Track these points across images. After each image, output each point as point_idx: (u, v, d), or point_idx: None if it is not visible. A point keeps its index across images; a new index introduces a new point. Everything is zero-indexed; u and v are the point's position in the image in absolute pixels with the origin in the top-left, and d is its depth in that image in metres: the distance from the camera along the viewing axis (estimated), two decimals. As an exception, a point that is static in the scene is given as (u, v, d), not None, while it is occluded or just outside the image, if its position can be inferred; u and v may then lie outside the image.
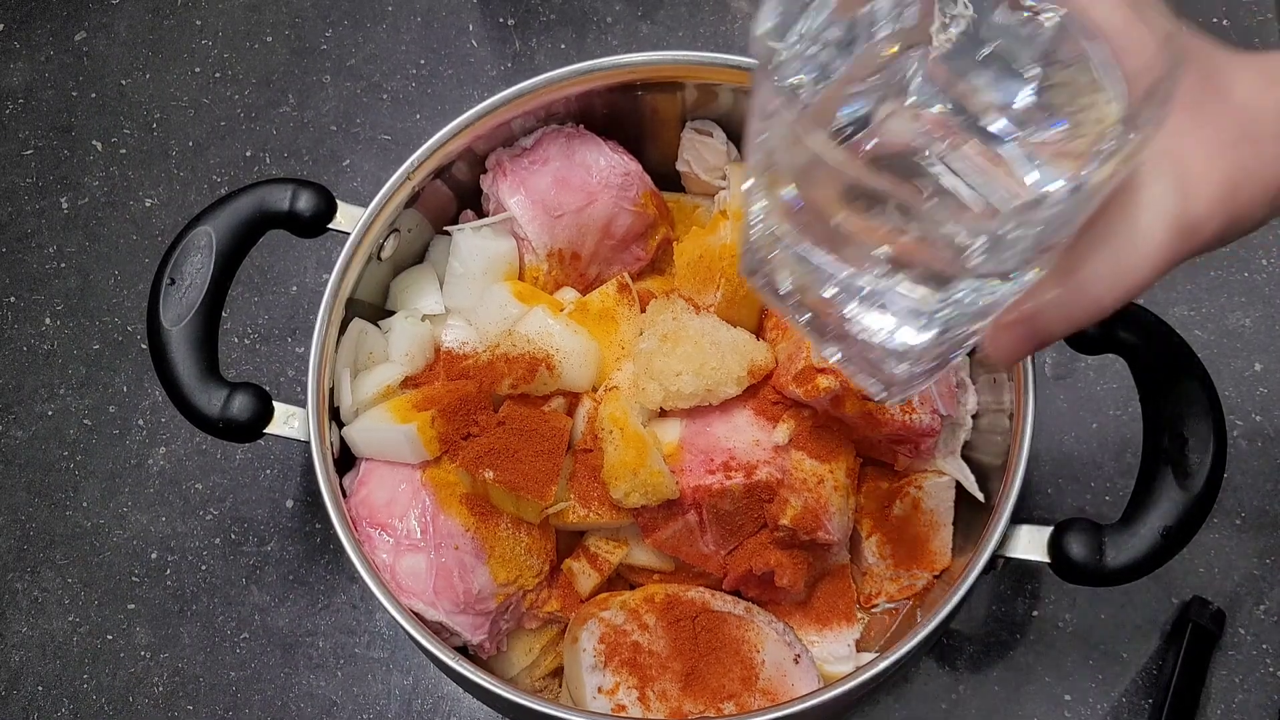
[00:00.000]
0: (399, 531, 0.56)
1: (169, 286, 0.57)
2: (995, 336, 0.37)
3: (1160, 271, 0.36)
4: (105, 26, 0.83)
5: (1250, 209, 0.37)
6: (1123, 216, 0.35)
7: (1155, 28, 0.34)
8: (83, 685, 0.68)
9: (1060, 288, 0.36)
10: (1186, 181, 0.36)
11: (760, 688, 0.55)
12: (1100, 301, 0.36)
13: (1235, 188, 0.36)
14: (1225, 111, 0.37)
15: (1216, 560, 0.67)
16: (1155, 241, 0.36)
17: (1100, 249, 0.35)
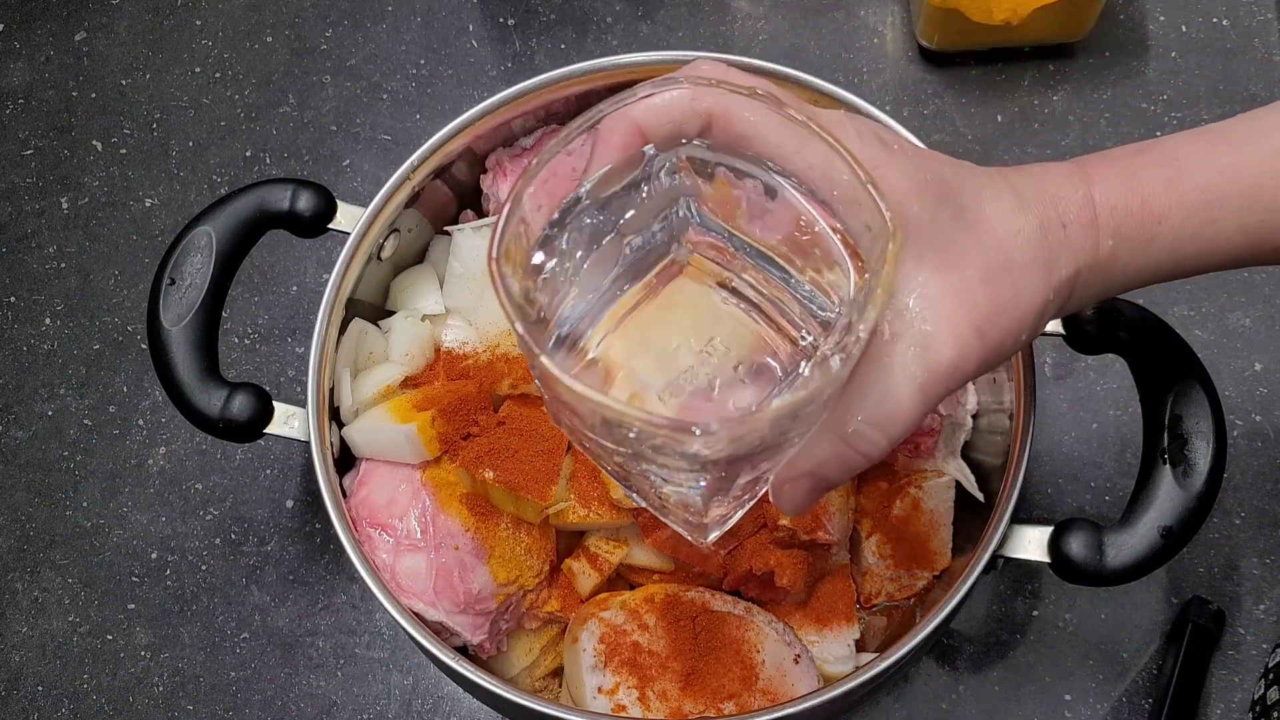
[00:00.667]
0: (399, 531, 0.56)
1: (169, 286, 0.57)
2: (782, 492, 0.39)
3: (924, 412, 0.37)
4: (105, 27, 0.83)
5: (1005, 343, 0.38)
6: (881, 365, 0.37)
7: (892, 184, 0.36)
8: (83, 685, 0.68)
9: (833, 443, 0.37)
10: (940, 326, 0.36)
11: (760, 688, 0.55)
12: (871, 452, 0.37)
13: (985, 324, 0.37)
14: (978, 246, 0.38)
15: (1216, 560, 0.67)
16: (917, 385, 0.37)
17: (863, 402, 0.37)
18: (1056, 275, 0.39)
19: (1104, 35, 0.78)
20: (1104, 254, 0.40)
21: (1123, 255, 0.41)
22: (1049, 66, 0.78)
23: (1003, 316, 0.38)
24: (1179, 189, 0.41)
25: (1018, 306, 0.38)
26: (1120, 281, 0.42)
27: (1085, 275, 0.40)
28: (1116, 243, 0.40)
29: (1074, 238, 0.40)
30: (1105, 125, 0.76)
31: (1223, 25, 0.79)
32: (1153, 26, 0.79)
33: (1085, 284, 0.41)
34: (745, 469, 0.36)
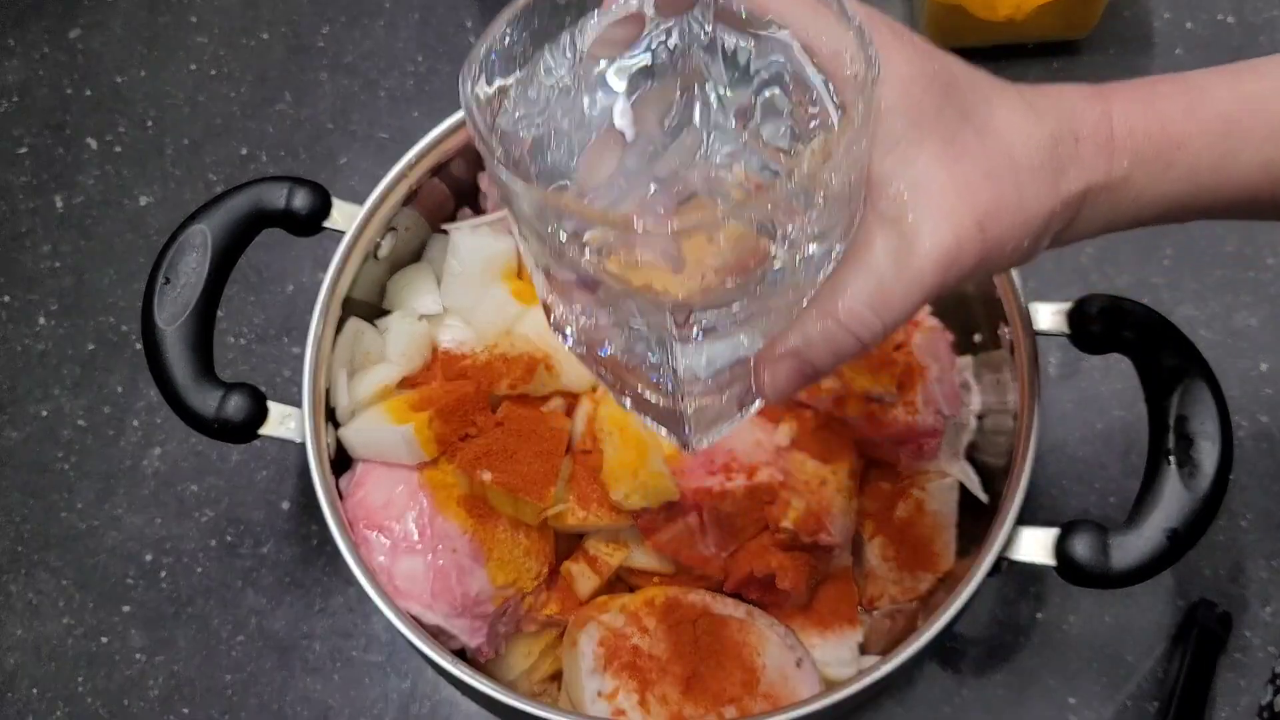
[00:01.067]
0: (396, 533, 0.56)
1: (164, 286, 0.56)
2: (766, 371, 0.38)
3: (920, 300, 0.37)
4: (100, 23, 0.83)
5: (1005, 243, 0.37)
6: (878, 245, 0.36)
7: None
8: (78, 688, 0.67)
9: (823, 320, 0.36)
10: (937, 214, 0.36)
11: (762, 692, 0.54)
12: (862, 334, 0.36)
13: (987, 219, 0.36)
14: (982, 145, 0.37)
15: (1223, 562, 0.66)
16: (913, 270, 0.36)
17: (858, 279, 0.36)
18: (1065, 187, 0.38)
19: (1108, 32, 0.78)
20: (1117, 175, 0.39)
21: (1137, 180, 0.40)
22: (1053, 64, 0.77)
23: (1005, 214, 0.37)
24: (1200, 116, 0.40)
25: (1021, 208, 0.37)
26: (1131, 209, 0.41)
27: (1095, 195, 0.39)
28: (1131, 165, 0.39)
29: (1086, 154, 0.39)
30: (1109, 123, 0.76)
31: (1228, 22, 0.78)
32: (1157, 23, 0.78)
33: (1094, 205, 0.40)
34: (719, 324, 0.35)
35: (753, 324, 0.36)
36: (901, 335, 0.59)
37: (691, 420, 0.40)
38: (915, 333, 0.59)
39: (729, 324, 0.35)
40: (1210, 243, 0.73)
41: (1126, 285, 0.72)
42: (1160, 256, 0.73)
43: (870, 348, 0.37)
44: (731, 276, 0.32)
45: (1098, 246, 0.73)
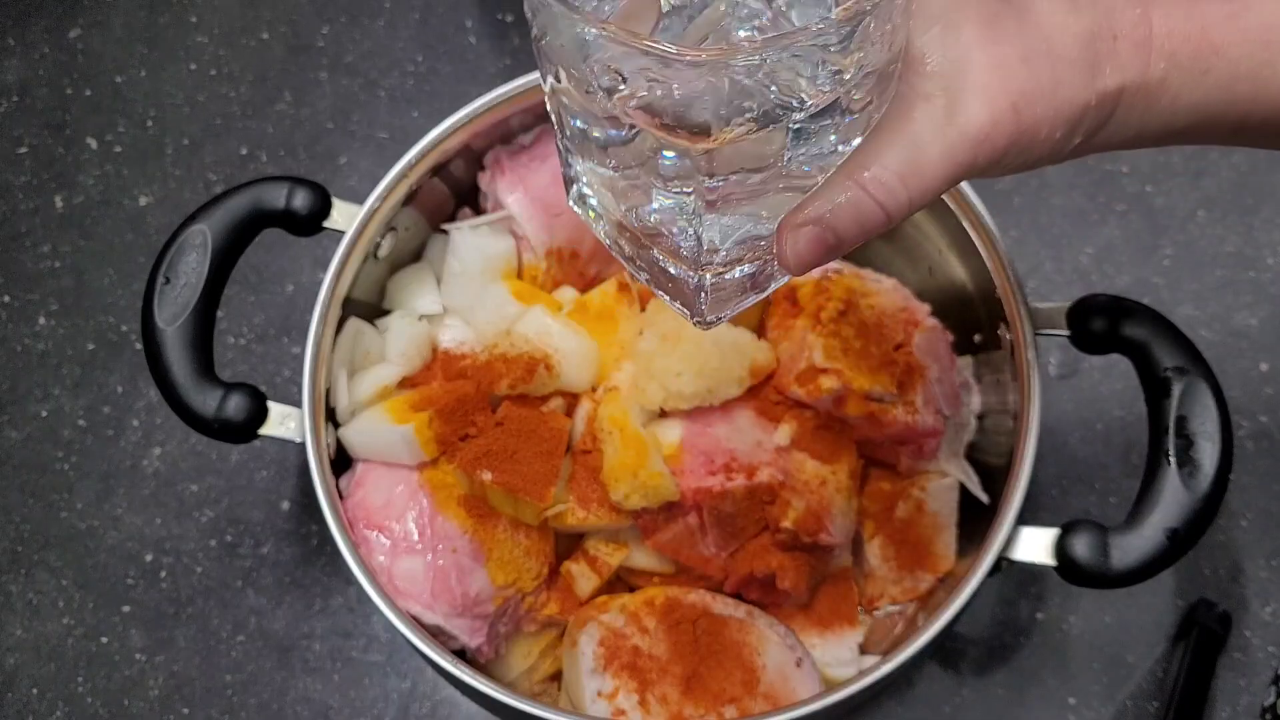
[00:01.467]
0: (396, 534, 0.56)
1: (164, 286, 0.56)
2: (787, 239, 0.37)
3: (950, 177, 0.37)
4: (100, 23, 0.83)
5: (1039, 129, 0.37)
6: (911, 118, 0.36)
7: None
8: (77, 688, 0.67)
9: (850, 188, 0.36)
10: (973, 90, 0.36)
11: (762, 692, 0.54)
12: (888, 203, 0.36)
13: (1022, 100, 0.37)
14: (1021, 30, 0.37)
15: (1223, 562, 0.66)
16: (945, 143, 0.36)
17: (889, 149, 0.36)
18: (1100, 82, 0.38)
19: None
20: (1154, 77, 0.39)
21: (1173, 83, 0.39)
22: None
23: (1040, 100, 0.37)
24: (1241, 24, 0.40)
25: (1055, 95, 0.37)
26: (1165, 115, 0.40)
27: (1130, 95, 0.39)
28: (1168, 68, 0.39)
29: (1123, 52, 0.39)
30: (1109, 123, 0.76)
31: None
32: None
33: (1129, 106, 0.39)
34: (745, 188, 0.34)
35: (778, 193, 0.35)
36: (902, 335, 0.59)
37: (709, 294, 0.39)
38: (915, 333, 0.59)
39: (755, 189, 0.35)
40: (1210, 243, 0.73)
41: (1126, 285, 0.72)
42: (1160, 257, 0.73)
43: (895, 222, 0.37)
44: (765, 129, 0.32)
45: (1098, 247, 0.73)
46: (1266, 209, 0.74)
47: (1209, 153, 0.75)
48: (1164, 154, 0.75)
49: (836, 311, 0.58)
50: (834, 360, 0.56)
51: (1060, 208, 0.74)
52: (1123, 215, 0.74)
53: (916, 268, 0.64)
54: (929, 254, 0.63)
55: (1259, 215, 0.74)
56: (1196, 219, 0.74)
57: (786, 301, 0.61)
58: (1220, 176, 0.75)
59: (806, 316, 0.58)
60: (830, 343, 0.56)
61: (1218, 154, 0.75)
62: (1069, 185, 0.75)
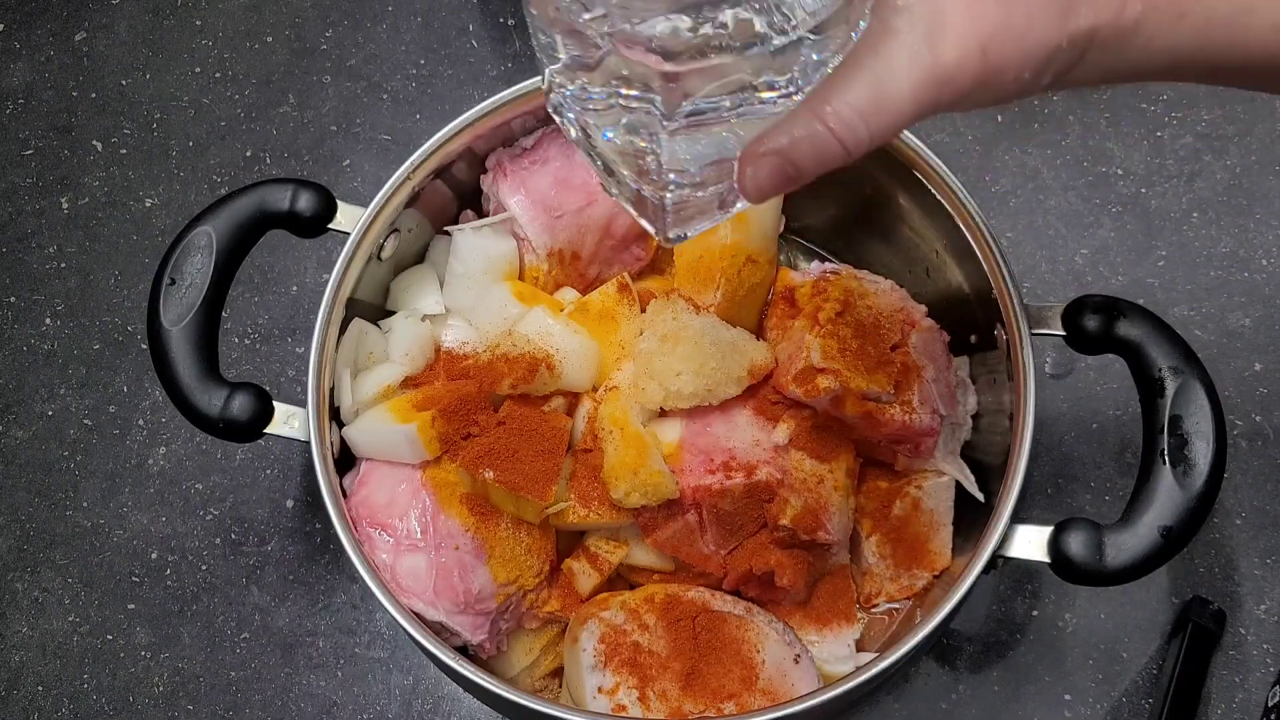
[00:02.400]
0: (399, 531, 0.56)
1: (169, 286, 0.57)
2: (747, 166, 0.37)
3: (912, 115, 0.36)
4: (105, 26, 0.83)
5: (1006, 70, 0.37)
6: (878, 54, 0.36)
7: None
8: (83, 685, 0.68)
9: (811, 121, 0.36)
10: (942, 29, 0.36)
11: (760, 688, 0.55)
12: (848, 139, 0.36)
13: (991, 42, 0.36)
14: None
15: (1217, 560, 0.67)
16: (909, 81, 0.36)
17: (854, 84, 0.35)
18: (1073, 22, 0.38)
19: None
20: (1128, 19, 0.38)
21: (1147, 27, 0.39)
22: None
23: (1010, 41, 0.37)
24: None
25: (1026, 36, 0.37)
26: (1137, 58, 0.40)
27: (1103, 37, 0.38)
28: (1144, 10, 0.38)
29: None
30: (1105, 125, 0.76)
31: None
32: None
33: (1101, 48, 0.39)
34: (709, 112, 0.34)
35: (742, 120, 0.35)
36: (899, 336, 0.59)
37: (671, 212, 0.40)
38: (912, 333, 0.59)
39: (718, 114, 0.35)
40: (1204, 244, 0.73)
41: (1121, 286, 0.73)
42: (1155, 258, 0.73)
43: (854, 157, 0.36)
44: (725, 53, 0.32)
45: (1092, 248, 0.74)
46: (1260, 211, 0.74)
47: (1203, 155, 0.75)
48: (1158, 156, 0.75)
49: (834, 312, 0.58)
50: (831, 360, 0.56)
51: (1055, 209, 0.75)
52: (1117, 217, 0.74)
53: (914, 269, 0.65)
54: (926, 255, 0.63)
55: (1253, 217, 0.74)
56: (1191, 220, 0.74)
57: (785, 302, 0.62)
58: (1214, 179, 0.75)
59: (804, 317, 0.59)
60: (828, 343, 0.57)
61: (1212, 156, 0.75)
62: (1064, 187, 0.75)
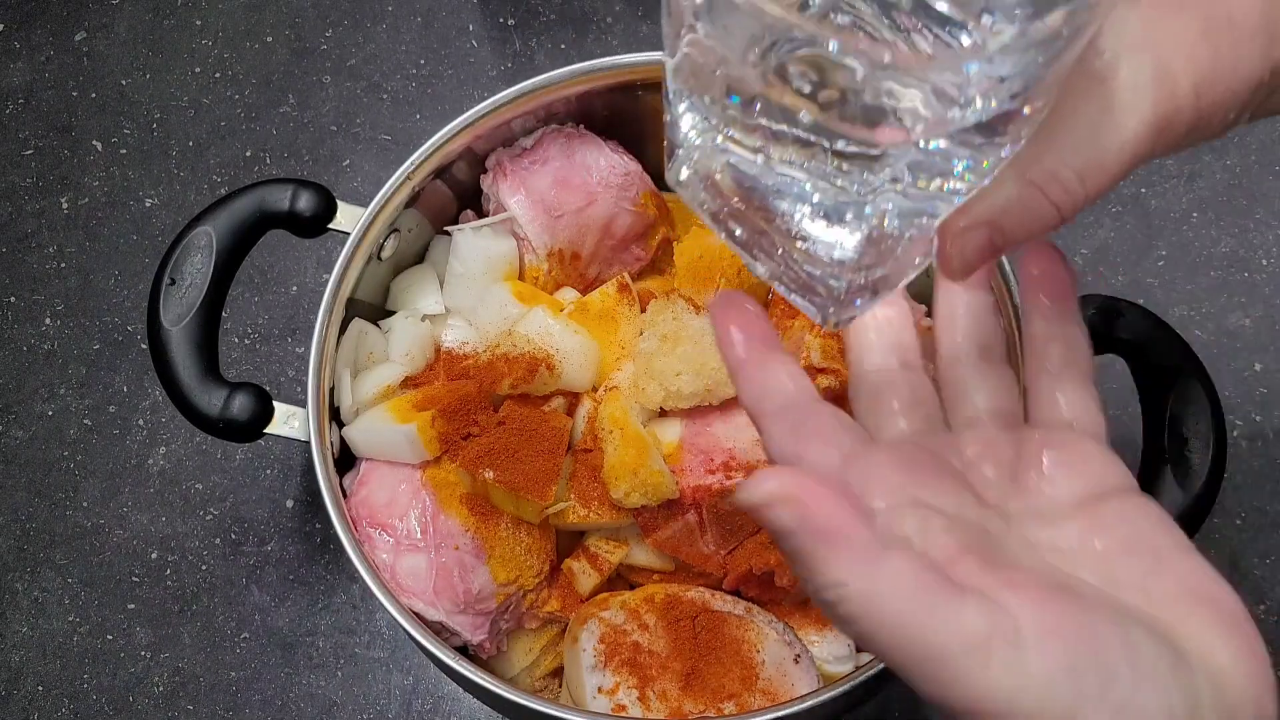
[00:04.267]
0: (399, 531, 0.56)
1: (169, 286, 0.57)
2: (952, 243, 0.33)
3: (1127, 170, 0.33)
4: (105, 26, 0.83)
5: (1216, 111, 0.33)
6: (1093, 103, 0.32)
7: None
8: (83, 685, 0.68)
9: (1020, 186, 0.32)
10: (1165, 70, 0.32)
11: (760, 687, 0.55)
12: (1063, 202, 0.32)
13: (1206, 85, 0.33)
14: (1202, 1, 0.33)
15: (1217, 560, 0.66)
16: (1130, 130, 0.32)
17: (1065, 139, 0.32)
18: (1275, 52, 0.33)
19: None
20: None
21: None
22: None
23: (1220, 82, 0.33)
24: None
25: (1234, 74, 0.33)
26: None
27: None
28: None
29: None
30: (1105, 125, 0.76)
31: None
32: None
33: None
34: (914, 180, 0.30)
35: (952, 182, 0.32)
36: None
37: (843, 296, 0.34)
38: (912, 333, 0.59)
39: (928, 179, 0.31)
40: (1204, 244, 0.73)
41: (1121, 286, 0.73)
42: (1155, 257, 0.73)
43: (1068, 220, 0.33)
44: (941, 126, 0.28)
45: (1092, 248, 0.74)
46: (1260, 211, 0.74)
47: (1203, 154, 0.75)
48: (1159, 156, 0.76)
49: (834, 312, 0.58)
50: (831, 360, 0.56)
51: (1056, 209, 0.75)
52: (1117, 217, 0.74)
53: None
54: (926, 255, 0.63)
55: (1253, 217, 0.74)
56: (1191, 221, 0.74)
57: (785, 302, 0.62)
58: (1214, 179, 0.75)
59: (804, 317, 0.59)
60: (828, 343, 0.57)
61: (1211, 156, 0.75)
62: (1065, 187, 0.75)
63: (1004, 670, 0.27)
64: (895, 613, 0.27)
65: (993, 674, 0.27)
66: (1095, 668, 0.28)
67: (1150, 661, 0.28)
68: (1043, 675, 0.27)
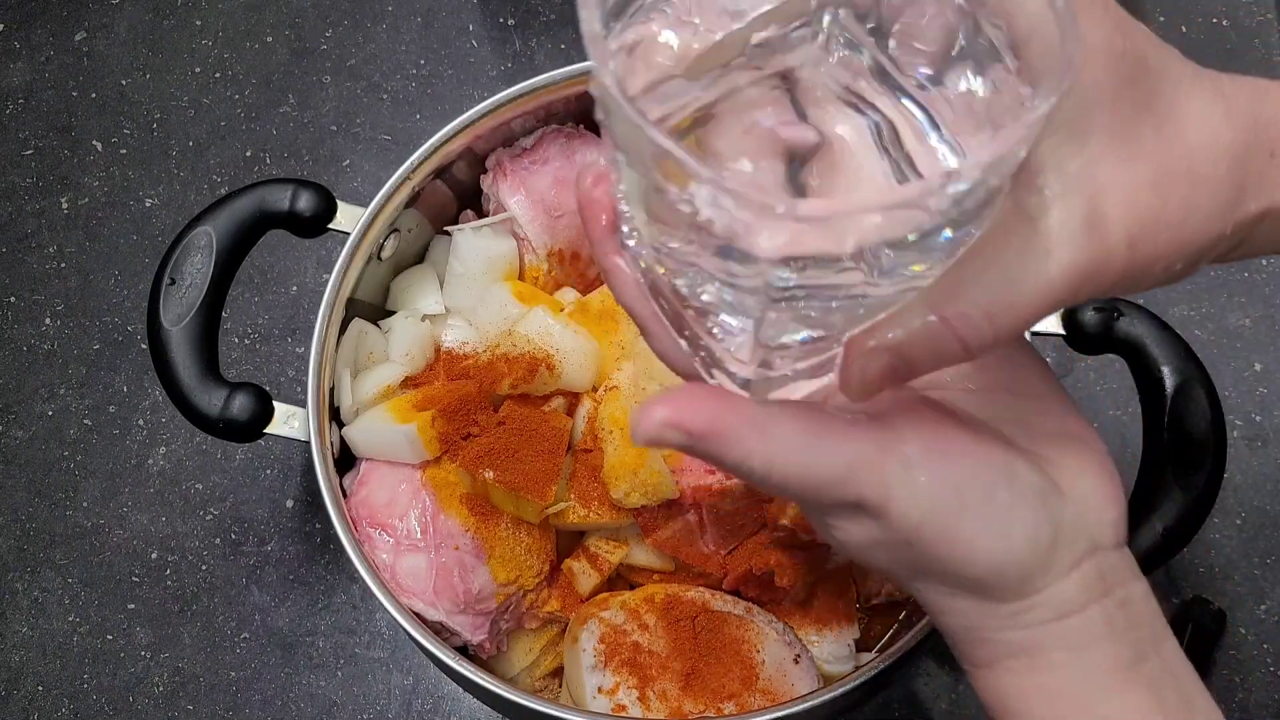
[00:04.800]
0: (399, 531, 0.56)
1: (169, 286, 0.57)
2: (856, 362, 0.32)
3: (1042, 314, 0.31)
4: (105, 27, 0.83)
5: (1155, 263, 0.31)
6: (1015, 242, 0.30)
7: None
8: (83, 685, 0.68)
9: (930, 317, 0.30)
10: (1099, 216, 0.30)
11: (760, 688, 0.55)
12: (970, 340, 0.31)
13: (1144, 236, 0.31)
14: (1160, 142, 0.31)
15: (1217, 560, 0.67)
16: (1048, 275, 0.30)
17: (982, 276, 0.30)
18: (1242, 209, 0.32)
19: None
20: None
21: None
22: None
23: (1162, 233, 0.31)
24: None
25: (1183, 226, 0.31)
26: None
27: (1275, 217, 0.33)
28: None
29: (1277, 172, 0.32)
30: (1105, 125, 0.76)
31: (1222, 26, 0.79)
32: (1152, 27, 0.78)
33: (1270, 229, 0.33)
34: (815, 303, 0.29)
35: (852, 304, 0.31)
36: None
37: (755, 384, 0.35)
38: (912, 333, 0.59)
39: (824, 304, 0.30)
40: (1205, 244, 0.73)
41: (1122, 286, 0.73)
42: (1155, 258, 0.73)
43: (975, 356, 0.31)
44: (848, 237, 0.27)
45: (1093, 248, 0.74)
46: (1261, 211, 0.74)
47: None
48: (1159, 156, 0.76)
49: (834, 312, 0.58)
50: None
51: (1056, 209, 0.75)
52: (1118, 217, 0.74)
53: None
54: (926, 255, 0.63)
55: (1253, 217, 0.74)
56: (1191, 221, 0.74)
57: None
58: (1215, 178, 0.75)
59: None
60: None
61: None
62: (1065, 187, 0.75)
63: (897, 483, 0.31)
64: (798, 464, 0.31)
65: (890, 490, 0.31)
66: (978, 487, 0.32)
67: (1025, 488, 0.33)
68: (929, 489, 0.32)
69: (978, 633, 0.35)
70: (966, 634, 0.35)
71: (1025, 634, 0.34)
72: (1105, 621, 0.34)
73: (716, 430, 0.31)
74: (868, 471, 0.32)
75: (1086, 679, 0.34)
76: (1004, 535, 0.32)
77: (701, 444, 0.31)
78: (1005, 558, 0.33)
